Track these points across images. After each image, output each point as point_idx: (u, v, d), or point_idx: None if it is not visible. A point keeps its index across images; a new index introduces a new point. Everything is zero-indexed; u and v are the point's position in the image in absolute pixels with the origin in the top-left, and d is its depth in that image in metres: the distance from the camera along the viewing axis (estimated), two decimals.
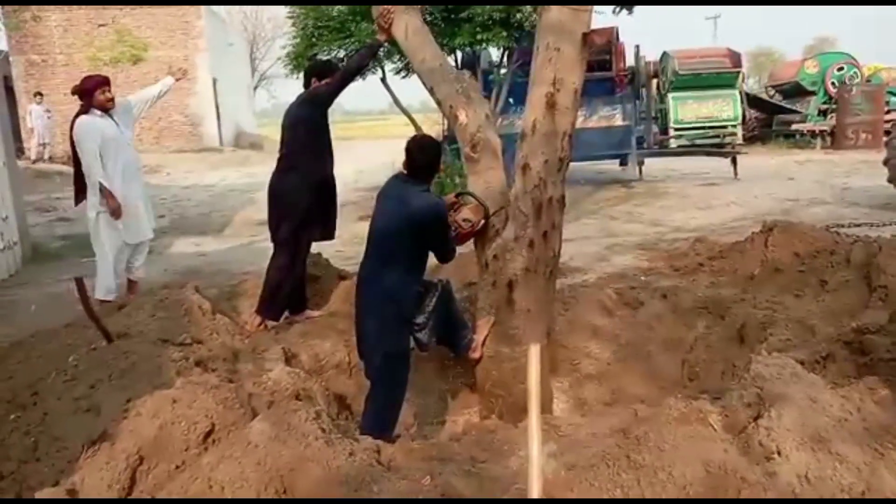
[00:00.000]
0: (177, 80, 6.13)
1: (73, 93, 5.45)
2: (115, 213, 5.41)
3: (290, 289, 4.79)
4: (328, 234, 4.97)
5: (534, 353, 1.73)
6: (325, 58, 5.21)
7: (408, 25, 4.13)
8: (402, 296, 3.53)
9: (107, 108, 5.47)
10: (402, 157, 3.66)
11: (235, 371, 3.55)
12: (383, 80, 11.58)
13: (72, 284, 3.51)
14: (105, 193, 5.35)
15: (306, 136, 4.69)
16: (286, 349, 4.13)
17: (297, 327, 4.73)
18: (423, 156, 3.60)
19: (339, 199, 5.06)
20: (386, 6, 4.14)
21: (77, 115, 5.41)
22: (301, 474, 2.24)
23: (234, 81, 29.63)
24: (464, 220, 3.69)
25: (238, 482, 2.20)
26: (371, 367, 3.63)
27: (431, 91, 4.02)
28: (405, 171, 3.64)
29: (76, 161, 5.45)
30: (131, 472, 2.44)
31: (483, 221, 3.71)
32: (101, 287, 5.51)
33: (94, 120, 5.37)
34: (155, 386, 3.00)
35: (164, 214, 12.10)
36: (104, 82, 5.51)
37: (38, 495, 2.31)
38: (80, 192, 5.51)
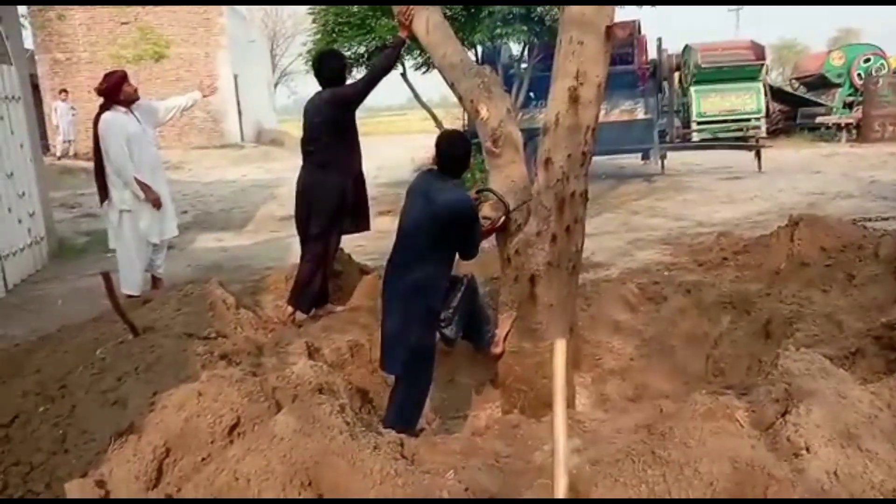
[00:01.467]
0: (204, 96, 6.14)
1: (100, 92, 5.47)
2: (156, 203, 5.51)
3: (320, 282, 4.84)
4: (363, 225, 5.02)
5: (559, 348, 1.72)
6: (333, 52, 5.14)
7: (428, 21, 4.17)
8: (431, 291, 3.55)
9: (133, 101, 5.52)
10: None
11: (259, 365, 3.57)
12: (403, 75, 11.58)
13: (98, 279, 3.55)
14: (143, 188, 5.42)
15: (336, 135, 4.72)
16: (309, 343, 4.15)
17: (319, 322, 4.76)
18: (454, 151, 3.63)
19: None
20: (407, 5, 4.20)
21: (100, 112, 5.44)
22: (326, 467, 2.25)
23: (255, 78, 29.82)
24: (483, 217, 3.69)
25: (264, 475, 2.22)
26: (396, 363, 3.64)
27: (452, 86, 4.03)
28: (436, 167, 3.65)
29: (99, 159, 5.48)
30: (158, 464, 2.47)
31: (503, 218, 3.70)
32: (126, 282, 5.56)
33: (118, 116, 5.42)
34: (180, 379, 3.04)
35: (186, 210, 12.23)
36: (126, 76, 5.56)
37: (67, 486, 2.34)
38: (103, 189, 5.54)
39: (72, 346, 3.97)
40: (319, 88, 4.86)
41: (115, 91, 5.42)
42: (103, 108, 5.44)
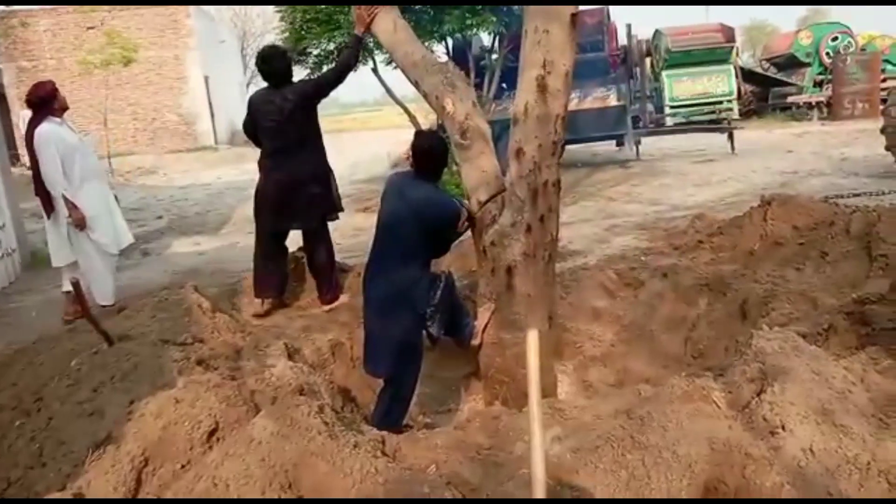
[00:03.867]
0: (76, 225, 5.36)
1: (33, 103, 5.17)
2: (80, 224, 5.22)
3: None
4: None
5: (532, 339, 1.72)
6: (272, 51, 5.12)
7: (388, 21, 4.19)
8: (415, 291, 3.56)
9: (65, 110, 5.32)
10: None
11: (238, 368, 3.53)
12: (374, 70, 11.51)
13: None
14: (68, 206, 5.14)
15: (307, 129, 4.83)
16: (288, 344, 4.11)
17: (298, 322, 4.74)
18: (432, 153, 3.64)
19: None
20: (371, 6, 4.22)
21: (33, 125, 5.14)
22: (306, 469, 2.24)
23: (227, 78, 29.54)
24: None
25: (243, 479, 2.20)
26: (383, 365, 3.64)
27: (416, 84, 4.03)
28: (413, 168, 3.65)
29: (38, 173, 5.18)
30: (137, 474, 2.44)
31: (466, 223, 3.73)
32: (99, 293, 5.45)
33: (54, 128, 5.16)
34: (157, 387, 3.00)
35: (161, 216, 12.11)
36: (56, 86, 5.32)
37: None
38: (48, 203, 5.28)
39: (47, 358, 3.91)
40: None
41: (51, 101, 5.18)
42: (36, 120, 5.16)
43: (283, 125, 4.74)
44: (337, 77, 4.87)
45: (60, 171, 5.09)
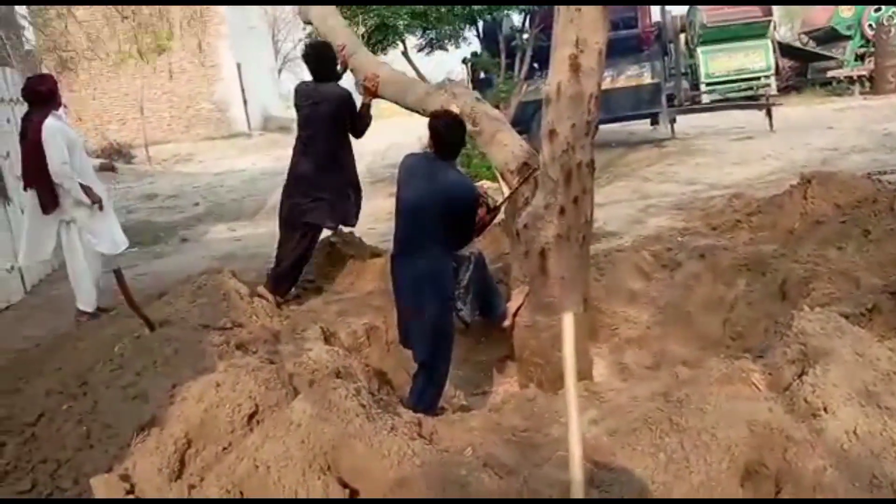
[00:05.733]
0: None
1: (38, 96, 4.98)
2: (100, 203, 5.09)
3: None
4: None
5: (567, 322, 1.71)
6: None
7: (390, 81, 4.86)
8: (441, 273, 3.55)
9: (60, 106, 5.22)
10: (427, 131, 3.64)
11: (276, 352, 3.59)
12: (405, 54, 11.47)
13: (111, 276, 3.58)
14: (85, 191, 4.98)
15: (340, 135, 4.91)
16: (325, 328, 4.17)
17: (334, 306, 4.79)
18: (452, 135, 3.60)
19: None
20: (374, 73, 4.81)
21: (36, 120, 4.92)
22: (344, 450, 2.27)
23: (259, 65, 29.68)
24: None
25: (283, 461, 2.24)
26: (415, 348, 3.66)
27: (424, 112, 4.30)
28: (431, 150, 3.64)
29: (38, 167, 4.91)
30: (180, 456, 2.51)
31: (486, 215, 3.75)
32: (82, 299, 5.20)
33: (58, 123, 5.01)
34: (198, 371, 3.07)
35: (198, 202, 12.28)
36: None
37: (93, 481, 2.38)
38: (53, 199, 5.02)
39: (91, 344, 4.02)
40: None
41: (55, 95, 5.05)
42: (39, 114, 4.93)
43: (312, 122, 4.84)
44: (358, 132, 4.99)
45: (68, 164, 4.90)
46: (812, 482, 2.01)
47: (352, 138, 5.01)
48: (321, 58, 4.94)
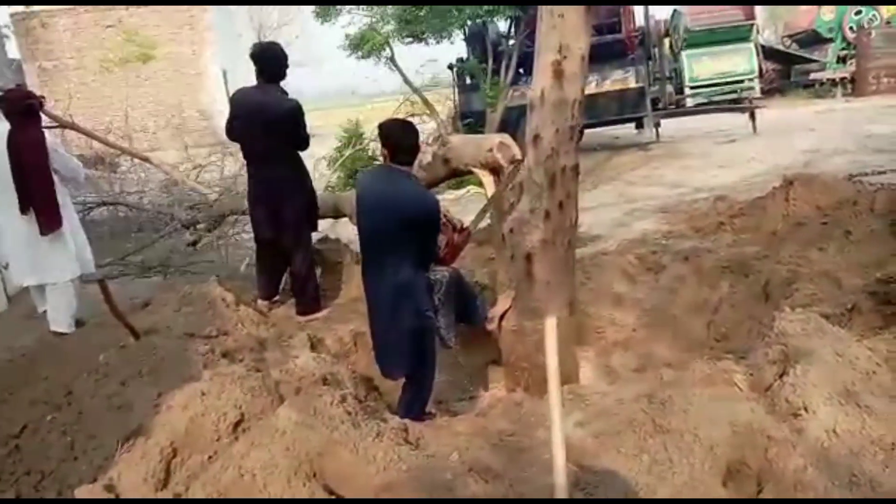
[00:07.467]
0: None
1: (26, 108, 4.69)
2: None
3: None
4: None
5: (550, 326, 1.73)
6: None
7: None
8: (412, 285, 3.45)
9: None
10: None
11: (262, 360, 3.58)
12: (391, 58, 11.51)
13: (96, 285, 3.56)
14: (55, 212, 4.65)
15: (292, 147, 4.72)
16: (311, 335, 4.16)
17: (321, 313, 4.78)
18: (407, 140, 3.50)
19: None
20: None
21: (28, 133, 4.67)
22: (330, 457, 2.27)
23: (245, 72, 29.56)
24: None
25: (269, 468, 2.24)
26: (398, 368, 3.59)
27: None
28: (386, 158, 3.51)
29: (40, 185, 4.65)
30: (166, 465, 2.50)
31: (456, 236, 3.74)
32: (62, 320, 4.83)
33: (41, 134, 4.76)
34: (184, 379, 3.05)
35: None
36: None
37: (78, 493, 2.37)
38: (55, 214, 4.75)
39: (76, 353, 3.99)
40: (282, 81, 4.69)
41: (38, 109, 4.81)
42: (27, 126, 4.67)
43: (277, 132, 4.55)
44: (304, 146, 4.76)
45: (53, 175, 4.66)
46: (793, 481, 2.03)
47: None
48: (272, 56, 4.67)
